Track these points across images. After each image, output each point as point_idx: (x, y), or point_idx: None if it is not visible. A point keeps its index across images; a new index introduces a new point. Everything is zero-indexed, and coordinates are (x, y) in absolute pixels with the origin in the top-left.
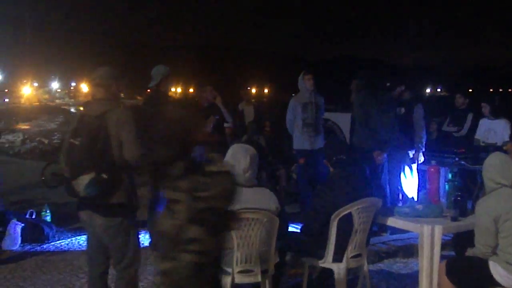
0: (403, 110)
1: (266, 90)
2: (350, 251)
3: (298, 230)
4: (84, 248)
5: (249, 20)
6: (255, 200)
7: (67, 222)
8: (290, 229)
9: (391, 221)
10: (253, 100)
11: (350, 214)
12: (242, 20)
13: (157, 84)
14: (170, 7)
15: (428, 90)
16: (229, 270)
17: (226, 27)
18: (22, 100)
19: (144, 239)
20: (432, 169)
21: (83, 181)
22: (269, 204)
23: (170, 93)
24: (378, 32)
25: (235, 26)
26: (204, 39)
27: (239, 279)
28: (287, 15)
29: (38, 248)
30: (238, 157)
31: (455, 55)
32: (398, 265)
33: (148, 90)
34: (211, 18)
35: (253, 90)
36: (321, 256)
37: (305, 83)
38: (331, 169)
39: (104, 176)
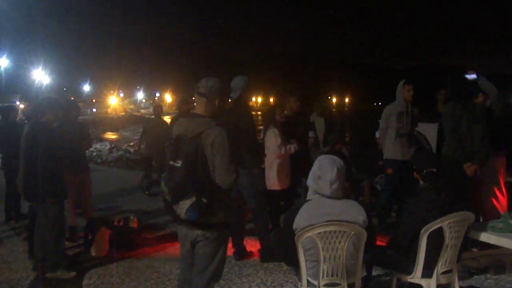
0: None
1: (346, 100)
2: (440, 267)
3: (383, 244)
4: (170, 256)
5: (331, 30)
6: (342, 212)
7: (153, 230)
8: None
9: (484, 237)
10: (333, 110)
11: (440, 229)
12: (323, 29)
13: (239, 95)
14: (251, 18)
15: None
16: (315, 283)
17: (307, 37)
18: (109, 110)
19: None
20: None
21: (185, 205)
22: (357, 217)
23: (251, 103)
24: (463, 40)
25: (316, 35)
26: (286, 49)
27: None
28: (369, 24)
29: (125, 255)
30: (325, 168)
31: None
32: (488, 282)
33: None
34: (293, 29)
35: (334, 100)
36: (409, 271)
37: (404, 93)
38: (421, 182)
39: (204, 200)
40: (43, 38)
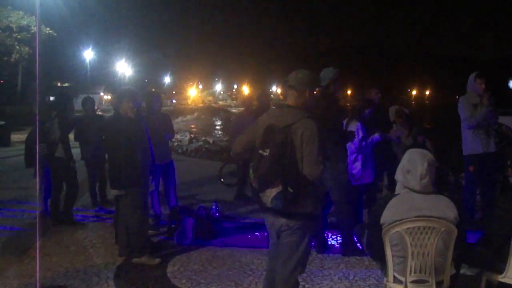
0: None
1: (427, 92)
2: None
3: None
4: (251, 246)
5: (412, 20)
6: (432, 208)
7: (234, 219)
8: None
9: None
10: (412, 103)
11: None
12: (404, 21)
13: (326, 87)
14: (329, 11)
15: None
16: (402, 279)
17: (388, 29)
18: (189, 102)
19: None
20: None
21: (271, 194)
22: (447, 213)
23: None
24: None
25: (397, 27)
26: (365, 41)
27: None
28: (455, 15)
29: (208, 243)
30: (415, 163)
31: None
32: None
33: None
34: (374, 20)
35: (414, 92)
36: (500, 271)
37: (476, 86)
38: None
39: (291, 190)
40: (127, 31)
